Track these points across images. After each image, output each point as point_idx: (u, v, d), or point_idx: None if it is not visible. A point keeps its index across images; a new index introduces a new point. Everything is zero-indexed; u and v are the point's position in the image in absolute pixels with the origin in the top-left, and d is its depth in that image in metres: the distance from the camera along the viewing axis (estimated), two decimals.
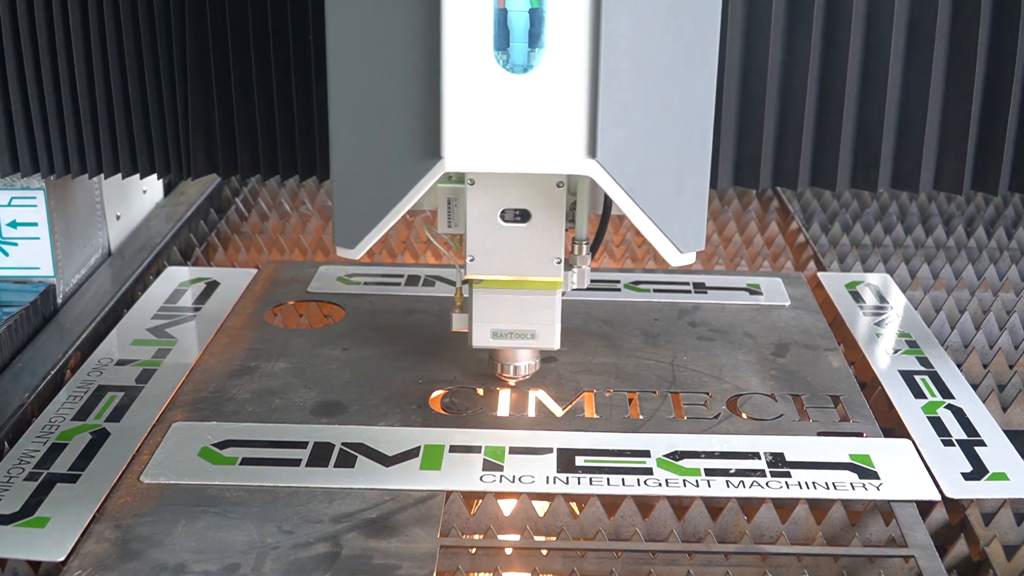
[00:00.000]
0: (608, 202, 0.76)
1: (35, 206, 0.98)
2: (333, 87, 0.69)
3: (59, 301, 1.00)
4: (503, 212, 0.74)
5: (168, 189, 1.30)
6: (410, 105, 0.66)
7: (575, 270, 0.79)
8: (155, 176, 0.95)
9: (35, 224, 0.99)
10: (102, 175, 0.94)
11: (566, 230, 0.76)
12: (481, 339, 0.80)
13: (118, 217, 1.14)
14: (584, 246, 0.79)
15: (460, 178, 0.76)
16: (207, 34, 0.89)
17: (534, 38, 0.64)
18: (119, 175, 0.94)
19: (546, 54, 0.64)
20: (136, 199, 1.20)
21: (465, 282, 0.80)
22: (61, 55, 0.90)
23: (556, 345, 0.80)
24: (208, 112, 0.91)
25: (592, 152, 0.65)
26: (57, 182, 0.99)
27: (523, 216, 0.74)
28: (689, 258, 0.71)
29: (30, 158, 0.93)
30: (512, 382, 0.84)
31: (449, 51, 0.64)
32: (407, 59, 0.65)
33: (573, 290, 0.80)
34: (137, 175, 0.94)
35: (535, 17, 0.64)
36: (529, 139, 0.65)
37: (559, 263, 0.76)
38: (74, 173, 0.93)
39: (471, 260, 0.76)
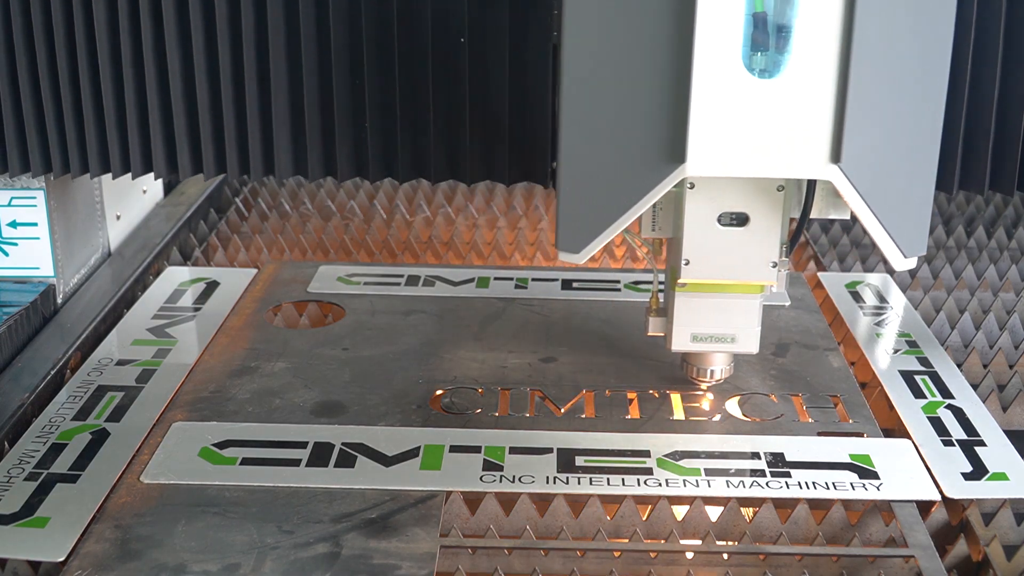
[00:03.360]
0: (808, 204, 0.75)
1: (35, 206, 0.98)
2: (567, 92, 0.68)
3: (59, 301, 1.00)
4: (720, 216, 0.74)
5: (168, 189, 1.30)
6: (652, 109, 0.66)
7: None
8: (155, 178, 0.95)
9: (35, 224, 0.99)
10: (128, 174, 0.93)
11: None
12: (681, 343, 0.80)
13: (118, 217, 1.14)
14: (784, 248, 0.77)
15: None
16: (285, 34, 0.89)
17: (783, 43, 0.64)
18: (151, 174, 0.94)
19: (793, 59, 0.64)
20: (136, 199, 1.20)
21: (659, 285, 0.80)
22: (82, 54, 0.89)
23: (755, 349, 0.80)
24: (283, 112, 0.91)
25: (836, 157, 0.65)
26: (56, 182, 0.99)
27: (739, 220, 0.74)
28: (912, 263, 0.71)
29: (62, 156, 0.93)
30: (704, 386, 0.84)
31: (699, 56, 0.64)
32: (653, 64, 0.65)
33: (772, 292, 0.79)
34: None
35: (783, 22, 0.64)
36: (772, 143, 0.65)
37: (774, 267, 0.75)
38: (93, 173, 0.93)
39: (686, 264, 0.75)
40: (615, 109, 0.67)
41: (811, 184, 0.73)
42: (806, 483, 0.73)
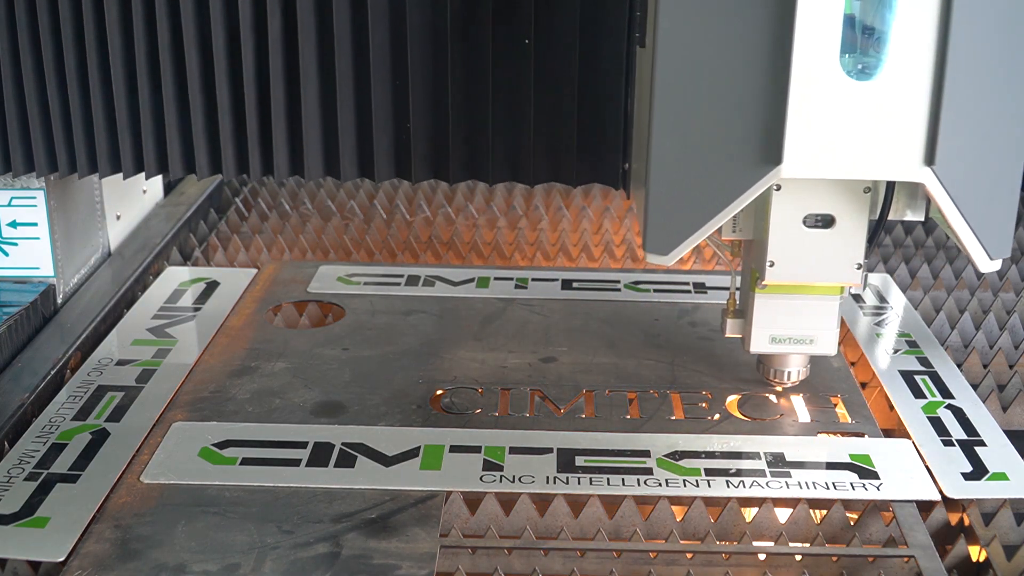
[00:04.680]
0: (887, 205, 0.75)
1: (35, 206, 0.98)
2: (659, 93, 0.68)
3: (59, 301, 1.00)
4: (806, 217, 0.74)
5: (168, 189, 1.30)
6: (748, 111, 0.66)
7: None
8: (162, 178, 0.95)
9: (35, 224, 0.99)
10: (142, 174, 0.93)
11: None
12: (759, 345, 0.80)
13: (118, 217, 1.14)
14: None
15: None
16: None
17: (879, 45, 0.64)
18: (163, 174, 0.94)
19: (890, 61, 0.64)
20: (136, 199, 1.20)
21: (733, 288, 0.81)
22: (92, 53, 0.89)
23: (834, 351, 0.80)
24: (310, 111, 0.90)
25: (929, 160, 0.65)
26: (57, 182, 0.98)
27: (825, 221, 0.74)
28: (997, 264, 0.71)
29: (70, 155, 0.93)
30: (780, 387, 0.84)
31: (798, 58, 0.64)
32: (749, 66, 0.65)
33: (851, 294, 0.79)
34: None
35: (879, 25, 0.64)
36: (866, 146, 0.66)
37: (859, 268, 0.75)
38: (102, 172, 0.92)
39: (771, 266, 0.75)
40: (709, 110, 0.67)
41: (891, 185, 0.73)
42: (806, 483, 0.73)
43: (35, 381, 0.86)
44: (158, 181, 1.26)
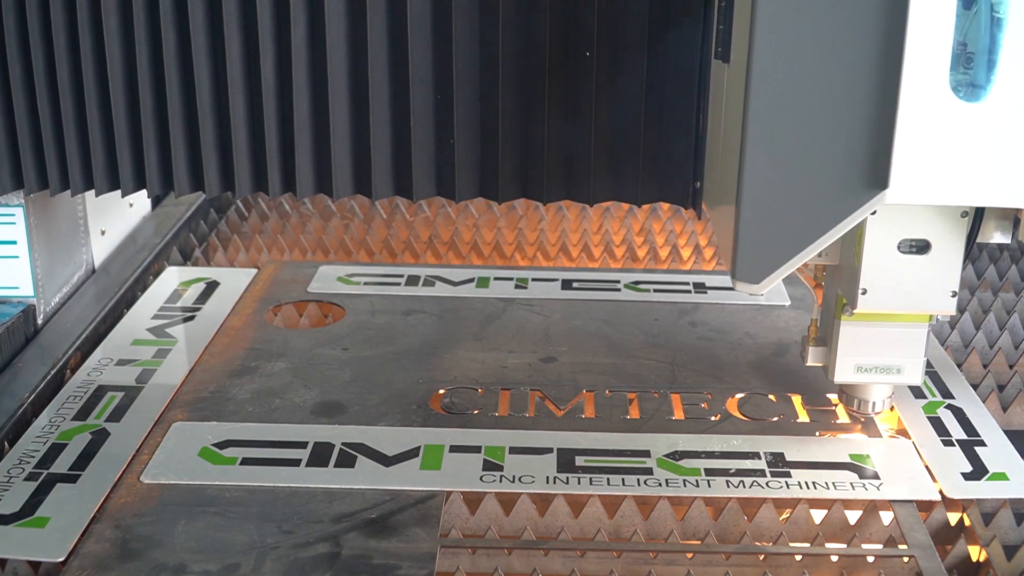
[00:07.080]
0: (976, 228, 0.72)
1: (14, 223, 0.94)
2: (754, 114, 0.65)
3: (39, 321, 0.96)
4: (900, 243, 0.71)
5: (156, 202, 1.26)
6: (852, 133, 0.63)
7: None
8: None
9: (14, 242, 0.94)
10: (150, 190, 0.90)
11: None
12: (844, 374, 0.77)
13: (103, 232, 1.10)
14: None
15: None
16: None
17: (989, 67, 0.63)
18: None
19: (999, 82, 0.62)
20: (122, 212, 1.16)
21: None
22: (89, 66, 0.85)
23: (919, 381, 0.78)
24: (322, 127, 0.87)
25: None
26: (37, 198, 0.93)
27: (919, 247, 0.71)
28: None
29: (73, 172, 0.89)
30: (863, 419, 0.81)
31: (907, 78, 0.62)
32: (854, 87, 0.63)
33: (937, 321, 0.77)
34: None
35: (989, 46, 0.62)
36: (972, 170, 0.64)
37: (954, 296, 0.72)
38: (99, 190, 0.89)
39: (863, 293, 0.72)
40: (809, 132, 0.64)
41: (979, 209, 0.71)
42: (806, 483, 0.73)
43: (13, 405, 0.82)
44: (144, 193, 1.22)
